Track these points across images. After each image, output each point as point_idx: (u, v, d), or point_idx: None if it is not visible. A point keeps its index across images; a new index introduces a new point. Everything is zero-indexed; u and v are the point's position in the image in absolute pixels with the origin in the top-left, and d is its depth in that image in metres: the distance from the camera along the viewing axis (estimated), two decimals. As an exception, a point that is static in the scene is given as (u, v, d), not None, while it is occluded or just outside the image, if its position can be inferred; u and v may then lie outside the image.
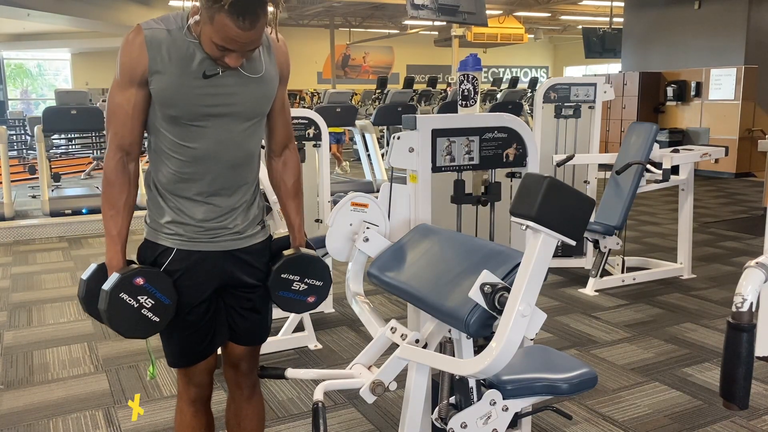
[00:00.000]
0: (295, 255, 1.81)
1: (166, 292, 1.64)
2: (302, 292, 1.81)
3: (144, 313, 1.61)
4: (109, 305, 1.59)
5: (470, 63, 2.72)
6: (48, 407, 2.88)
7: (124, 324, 1.61)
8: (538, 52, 26.24)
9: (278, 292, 1.79)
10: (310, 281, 1.81)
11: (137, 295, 1.60)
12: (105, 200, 1.65)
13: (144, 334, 1.64)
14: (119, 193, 1.64)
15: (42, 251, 5.89)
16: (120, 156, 1.62)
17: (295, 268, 1.79)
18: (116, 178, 1.63)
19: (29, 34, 16.68)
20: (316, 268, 1.83)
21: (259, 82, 1.65)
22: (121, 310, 1.60)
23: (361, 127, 8.55)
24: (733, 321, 1.17)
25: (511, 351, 1.41)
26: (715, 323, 3.81)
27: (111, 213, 1.65)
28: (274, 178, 1.88)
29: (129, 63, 1.56)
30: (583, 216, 1.42)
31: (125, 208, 1.65)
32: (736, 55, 9.95)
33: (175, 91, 1.56)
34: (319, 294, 1.84)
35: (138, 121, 1.61)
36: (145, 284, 1.61)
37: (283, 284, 1.79)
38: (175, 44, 1.56)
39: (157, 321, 1.63)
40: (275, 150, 1.85)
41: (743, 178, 9.79)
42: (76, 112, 7.07)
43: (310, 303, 1.84)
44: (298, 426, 2.68)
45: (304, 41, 20.46)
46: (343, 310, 4.04)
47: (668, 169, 4.37)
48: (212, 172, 1.65)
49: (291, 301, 1.81)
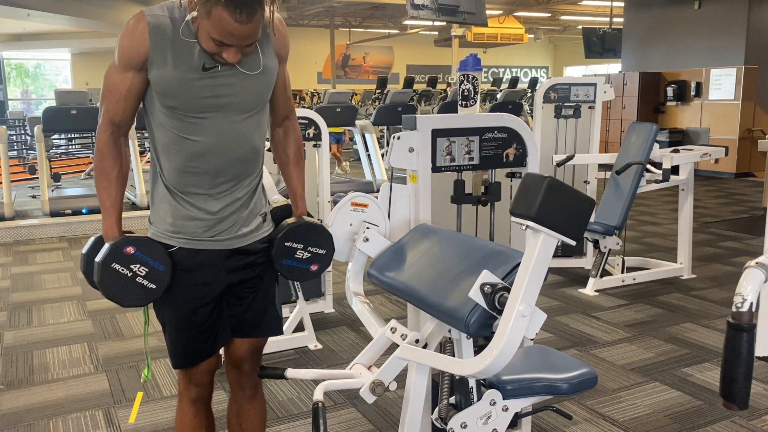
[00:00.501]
0: (299, 223, 1.81)
1: (159, 259, 1.64)
2: (305, 260, 1.81)
3: (139, 281, 1.62)
4: (102, 276, 1.59)
5: (470, 63, 2.72)
6: (48, 407, 2.88)
7: (120, 293, 1.62)
8: (538, 52, 26.24)
9: (282, 261, 1.78)
10: (313, 249, 1.81)
11: (129, 264, 1.61)
12: (98, 172, 1.66)
13: (142, 302, 1.65)
14: (112, 165, 1.65)
15: (42, 251, 5.89)
16: (111, 130, 1.64)
17: (298, 236, 1.79)
18: (108, 151, 1.64)
19: (29, 34, 16.68)
20: (320, 235, 1.83)
21: (259, 70, 1.65)
22: (116, 281, 1.60)
23: (361, 127, 8.55)
24: (733, 321, 1.17)
25: (511, 351, 1.41)
26: (715, 323, 3.81)
27: (104, 185, 1.66)
28: (276, 147, 1.90)
29: (129, 48, 1.57)
30: (583, 216, 1.42)
31: (118, 179, 1.66)
32: (736, 55, 9.95)
33: (175, 83, 1.57)
34: (321, 262, 1.84)
35: (131, 102, 1.63)
36: (136, 252, 1.61)
37: (287, 252, 1.78)
38: (176, 35, 1.57)
39: (153, 288, 1.64)
40: (277, 120, 1.86)
41: (743, 178, 9.80)
42: (76, 112, 7.07)
43: (314, 271, 1.84)
44: (298, 426, 2.68)
45: (304, 41, 20.46)
46: (343, 310, 4.04)
47: (668, 169, 4.37)
48: (216, 165, 1.65)
49: (294, 270, 1.81)
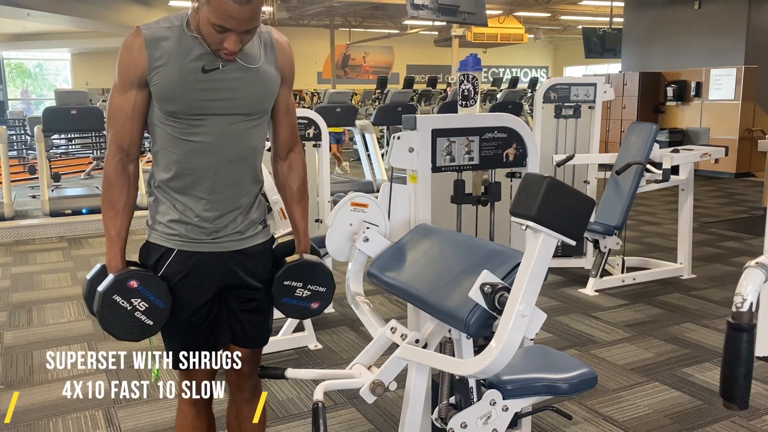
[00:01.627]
0: (298, 262, 1.80)
1: (161, 296, 1.63)
2: (306, 299, 1.80)
3: (137, 315, 1.61)
4: (102, 307, 1.59)
5: (470, 63, 2.72)
6: (48, 407, 2.88)
7: (117, 326, 1.61)
8: (538, 52, 26.23)
9: (282, 299, 1.78)
10: (313, 287, 1.80)
11: (130, 298, 1.60)
12: (105, 201, 1.65)
13: (137, 337, 1.64)
14: (119, 195, 1.64)
15: (42, 251, 5.89)
16: (120, 157, 1.63)
17: (297, 275, 1.78)
18: (116, 180, 1.63)
19: (29, 34, 16.68)
20: (319, 274, 1.82)
21: (258, 77, 1.65)
22: (114, 312, 1.59)
23: (361, 127, 8.55)
24: (733, 321, 1.17)
25: (511, 351, 1.41)
26: (715, 323, 3.81)
27: (110, 214, 1.65)
28: (279, 181, 1.87)
29: (128, 65, 1.58)
30: (583, 216, 1.42)
31: (125, 209, 1.65)
32: (736, 55, 9.95)
33: (175, 85, 1.57)
34: (322, 300, 1.83)
35: (137, 122, 1.62)
36: (138, 287, 1.60)
37: (287, 291, 1.78)
38: (175, 41, 1.57)
39: (150, 324, 1.63)
40: (280, 153, 1.83)
41: (743, 178, 9.79)
42: (76, 112, 7.07)
43: (314, 309, 1.83)
44: (298, 426, 2.68)
45: (304, 41, 20.46)
46: (343, 310, 4.04)
47: (668, 169, 4.37)
48: (213, 167, 1.64)
49: (295, 308, 1.80)
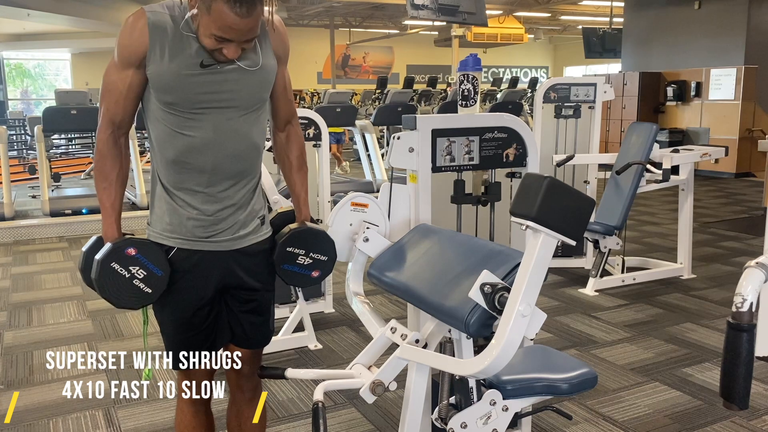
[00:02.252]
0: (301, 228, 1.80)
1: (158, 264, 1.64)
2: (307, 266, 1.80)
3: (136, 283, 1.62)
4: (101, 274, 1.60)
5: (470, 63, 2.71)
6: (48, 407, 2.88)
7: (115, 293, 1.62)
8: (538, 52, 26.24)
9: (283, 266, 1.78)
10: (315, 255, 1.80)
11: (129, 266, 1.61)
12: (98, 173, 1.67)
13: (135, 305, 1.65)
14: (111, 166, 1.65)
15: (42, 251, 5.89)
16: (111, 130, 1.64)
17: (300, 242, 1.78)
18: (108, 151, 1.65)
19: (29, 34, 16.69)
20: (322, 241, 1.82)
21: (257, 69, 1.65)
22: (113, 280, 1.60)
23: (361, 127, 8.55)
24: (733, 321, 1.17)
25: (511, 351, 1.41)
26: (715, 323, 3.81)
27: (104, 185, 1.66)
28: (279, 152, 1.89)
29: (129, 45, 1.58)
30: (583, 216, 1.42)
31: (118, 180, 1.67)
32: (736, 55, 9.95)
33: (172, 78, 1.57)
34: (323, 269, 1.83)
35: (131, 101, 1.63)
36: (137, 254, 1.61)
37: (289, 258, 1.77)
38: (176, 32, 1.57)
39: (149, 292, 1.63)
40: (279, 125, 1.86)
41: (743, 178, 9.79)
42: (76, 112, 7.07)
43: (315, 277, 1.82)
44: (298, 426, 2.68)
45: (304, 41, 20.45)
46: (343, 310, 4.04)
47: (668, 169, 4.37)
48: (211, 162, 1.64)
49: (295, 275, 1.80)
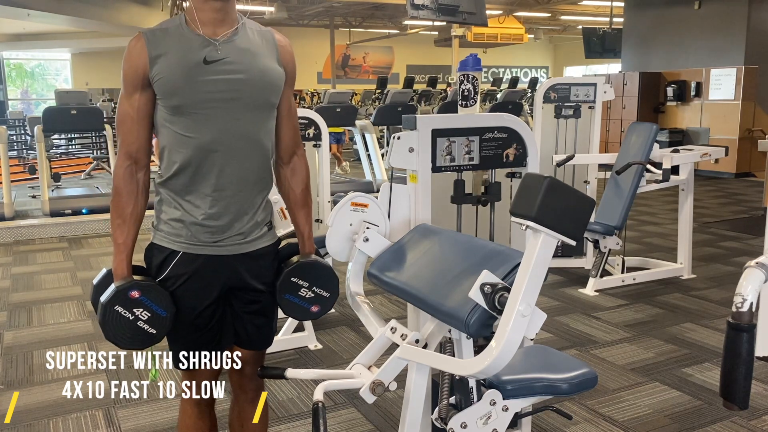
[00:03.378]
0: (310, 261, 1.80)
1: (163, 304, 1.63)
2: (308, 300, 1.80)
3: (140, 325, 1.61)
4: (105, 317, 1.60)
5: (470, 63, 2.71)
6: (48, 407, 2.88)
7: (120, 336, 1.62)
8: (538, 52, 26.23)
9: (284, 295, 1.78)
10: (318, 290, 1.80)
11: (132, 308, 1.61)
12: (113, 209, 1.66)
13: (141, 346, 1.65)
14: (126, 202, 1.64)
15: (42, 251, 5.89)
16: (128, 164, 1.63)
17: (306, 274, 1.78)
18: (124, 187, 1.64)
19: (29, 34, 16.68)
20: (327, 278, 1.82)
21: (262, 70, 1.65)
22: (117, 323, 1.61)
23: (361, 127, 8.55)
24: (733, 321, 1.17)
25: (511, 351, 1.41)
26: (715, 323, 3.81)
27: (118, 222, 1.65)
28: (283, 186, 1.86)
29: (130, 68, 1.60)
30: (583, 216, 1.42)
31: (132, 217, 1.65)
32: (736, 55, 9.95)
33: (178, 77, 1.58)
34: (323, 305, 1.83)
35: (143, 125, 1.63)
36: (140, 297, 1.61)
37: (292, 288, 1.78)
38: (175, 36, 1.60)
39: (153, 333, 1.63)
40: (283, 157, 1.83)
41: (743, 178, 9.79)
42: (76, 112, 7.08)
43: (313, 312, 1.82)
44: (298, 426, 2.68)
45: (304, 41, 20.46)
46: (343, 310, 4.04)
47: (668, 169, 4.37)
48: (219, 164, 1.63)
49: (295, 307, 1.80)
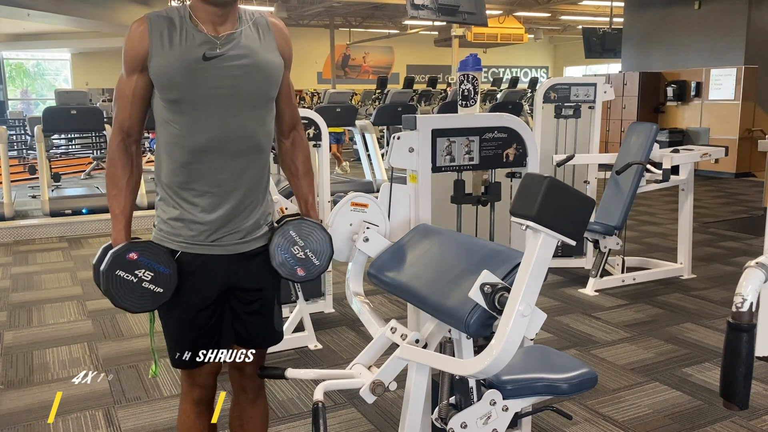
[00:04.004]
0: (313, 222, 1.79)
1: (163, 262, 1.64)
2: (298, 259, 1.77)
3: (145, 286, 1.63)
4: (108, 284, 1.61)
5: (470, 63, 2.71)
6: (48, 407, 2.88)
7: (128, 300, 1.63)
8: (538, 52, 26.24)
9: (277, 248, 1.75)
10: (310, 254, 1.78)
11: (134, 270, 1.62)
12: (108, 180, 1.69)
13: (151, 307, 1.66)
14: (122, 173, 1.68)
15: (42, 251, 5.89)
16: (122, 137, 1.67)
17: (305, 234, 1.77)
18: (118, 158, 1.67)
19: (29, 34, 16.68)
20: (323, 245, 1.80)
21: (261, 65, 1.66)
22: (122, 288, 1.61)
23: (361, 127, 8.55)
24: (733, 321, 1.17)
25: (511, 351, 1.41)
26: (715, 323, 3.81)
27: (114, 192, 1.68)
28: (284, 159, 1.89)
29: (131, 49, 1.61)
30: (584, 216, 1.42)
31: (128, 187, 1.69)
32: (736, 55, 9.95)
33: (176, 72, 1.58)
34: (309, 270, 1.79)
35: (138, 106, 1.65)
36: (139, 258, 1.62)
37: (287, 241, 1.76)
38: (177, 29, 1.61)
39: (161, 291, 1.64)
40: (283, 132, 1.86)
41: (743, 178, 9.79)
42: (76, 112, 7.07)
43: (297, 274, 1.78)
44: (298, 426, 2.68)
45: (304, 41, 20.46)
46: (343, 310, 4.04)
47: (668, 169, 4.37)
48: (217, 161, 1.64)
49: (283, 263, 1.76)
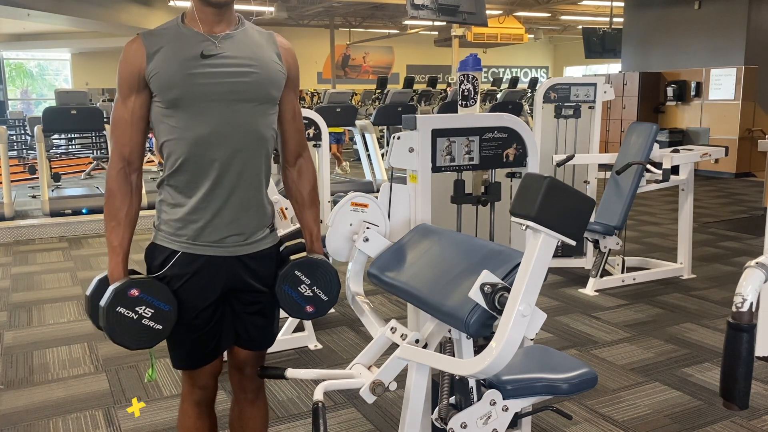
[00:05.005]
0: (319, 260, 1.79)
1: (164, 299, 1.62)
2: (305, 298, 1.78)
3: (145, 323, 1.60)
4: (108, 321, 1.58)
5: (470, 63, 2.71)
6: (48, 407, 2.88)
7: (127, 337, 1.60)
8: (538, 52, 26.24)
9: (284, 287, 1.76)
10: (318, 291, 1.79)
11: (135, 307, 1.59)
12: (107, 212, 1.65)
13: (150, 344, 1.63)
14: (120, 204, 1.64)
15: (42, 251, 5.89)
16: (121, 166, 1.63)
17: (311, 272, 1.77)
18: (118, 189, 1.64)
19: (29, 34, 16.68)
20: (330, 282, 1.81)
21: (261, 64, 1.65)
22: (122, 324, 1.58)
23: (361, 127, 8.55)
24: (733, 321, 1.17)
25: (511, 351, 1.41)
26: (715, 323, 3.81)
27: (112, 224, 1.64)
28: (290, 188, 1.86)
29: (128, 68, 1.60)
30: (583, 216, 1.42)
31: (126, 219, 1.65)
32: (736, 55, 9.95)
33: (174, 71, 1.58)
34: (318, 307, 1.81)
35: (137, 128, 1.63)
36: (140, 294, 1.59)
37: (293, 281, 1.76)
38: (173, 34, 1.61)
39: (160, 329, 1.62)
40: (289, 160, 1.83)
41: (743, 178, 9.79)
42: (76, 112, 7.08)
43: (307, 312, 1.80)
44: (298, 426, 2.68)
45: (304, 41, 20.45)
46: (343, 310, 4.04)
47: (668, 169, 4.37)
48: (219, 158, 1.62)
49: (290, 301, 1.78)
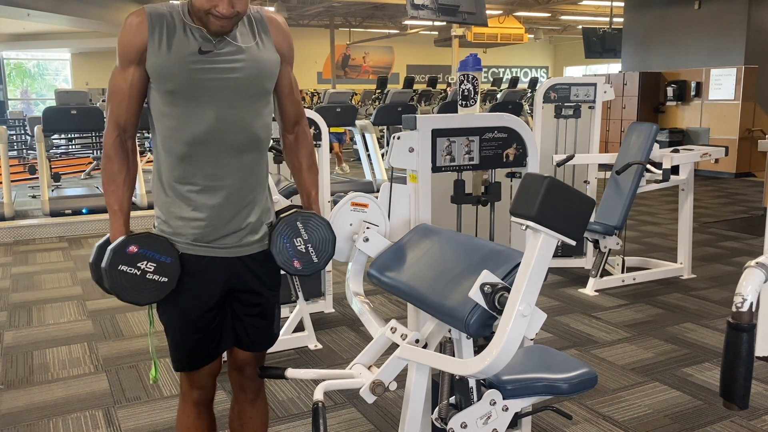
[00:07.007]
0: (324, 220, 1.79)
1: (164, 252, 1.63)
2: (296, 252, 1.76)
3: (149, 277, 1.61)
4: (112, 281, 1.60)
5: (470, 63, 2.71)
6: (48, 407, 2.88)
7: (134, 293, 1.62)
8: (538, 52, 26.25)
9: (281, 235, 1.74)
10: (311, 249, 1.77)
11: (136, 263, 1.60)
12: (105, 176, 1.68)
13: (157, 297, 1.65)
14: (119, 168, 1.67)
15: (42, 251, 5.89)
16: (118, 133, 1.66)
17: (312, 229, 1.76)
18: (115, 154, 1.66)
19: (29, 34, 16.70)
20: (327, 245, 1.79)
21: (256, 59, 1.66)
22: (126, 282, 1.60)
23: (361, 127, 8.55)
24: (733, 321, 1.17)
25: (511, 351, 1.41)
26: (715, 323, 3.81)
27: (111, 188, 1.67)
28: (288, 154, 1.89)
29: (128, 41, 1.60)
30: (584, 216, 1.42)
31: (125, 182, 1.68)
32: (736, 55, 9.95)
33: (172, 64, 1.59)
34: (306, 266, 1.78)
35: (135, 100, 1.65)
36: (140, 250, 1.61)
37: (292, 232, 1.74)
38: (174, 24, 1.61)
39: (165, 281, 1.64)
40: (287, 127, 1.86)
41: (743, 178, 9.79)
42: (76, 112, 7.09)
43: (293, 266, 1.76)
44: (298, 426, 2.68)
45: (304, 41, 20.46)
46: (343, 310, 4.04)
47: (668, 169, 4.37)
48: (215, 153, 1.64)
49: (282, 251, 1.74)
